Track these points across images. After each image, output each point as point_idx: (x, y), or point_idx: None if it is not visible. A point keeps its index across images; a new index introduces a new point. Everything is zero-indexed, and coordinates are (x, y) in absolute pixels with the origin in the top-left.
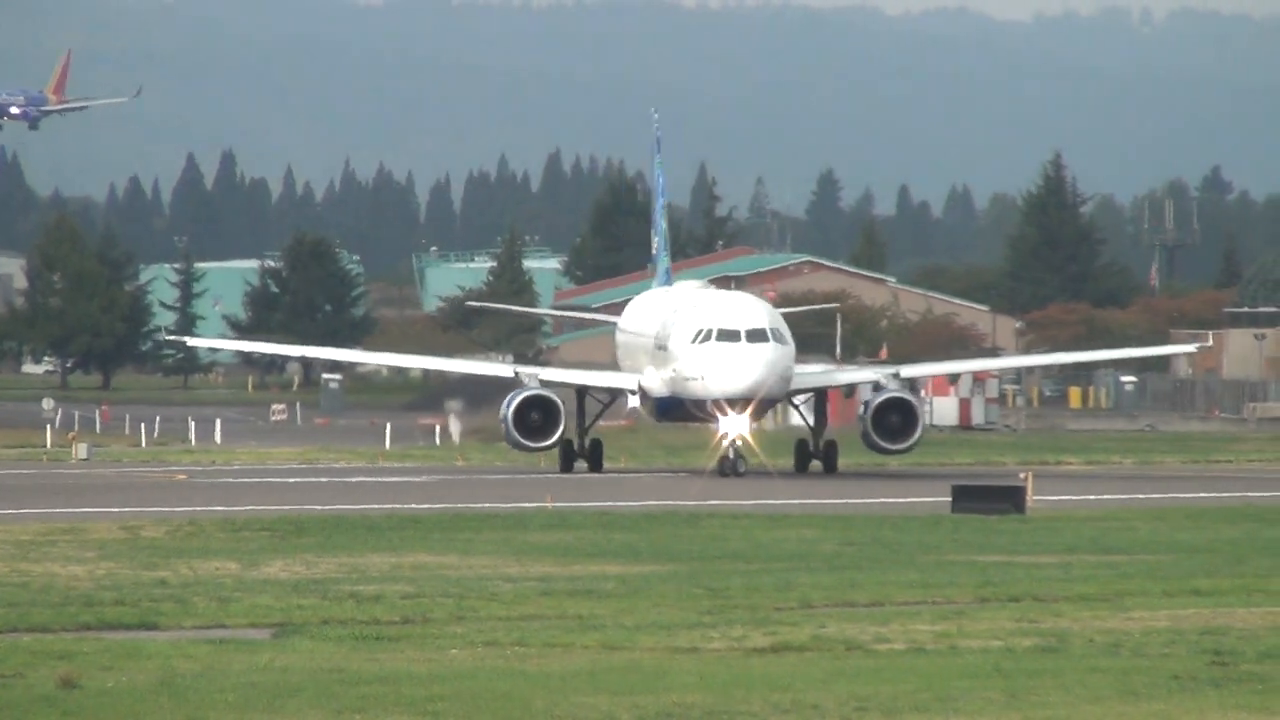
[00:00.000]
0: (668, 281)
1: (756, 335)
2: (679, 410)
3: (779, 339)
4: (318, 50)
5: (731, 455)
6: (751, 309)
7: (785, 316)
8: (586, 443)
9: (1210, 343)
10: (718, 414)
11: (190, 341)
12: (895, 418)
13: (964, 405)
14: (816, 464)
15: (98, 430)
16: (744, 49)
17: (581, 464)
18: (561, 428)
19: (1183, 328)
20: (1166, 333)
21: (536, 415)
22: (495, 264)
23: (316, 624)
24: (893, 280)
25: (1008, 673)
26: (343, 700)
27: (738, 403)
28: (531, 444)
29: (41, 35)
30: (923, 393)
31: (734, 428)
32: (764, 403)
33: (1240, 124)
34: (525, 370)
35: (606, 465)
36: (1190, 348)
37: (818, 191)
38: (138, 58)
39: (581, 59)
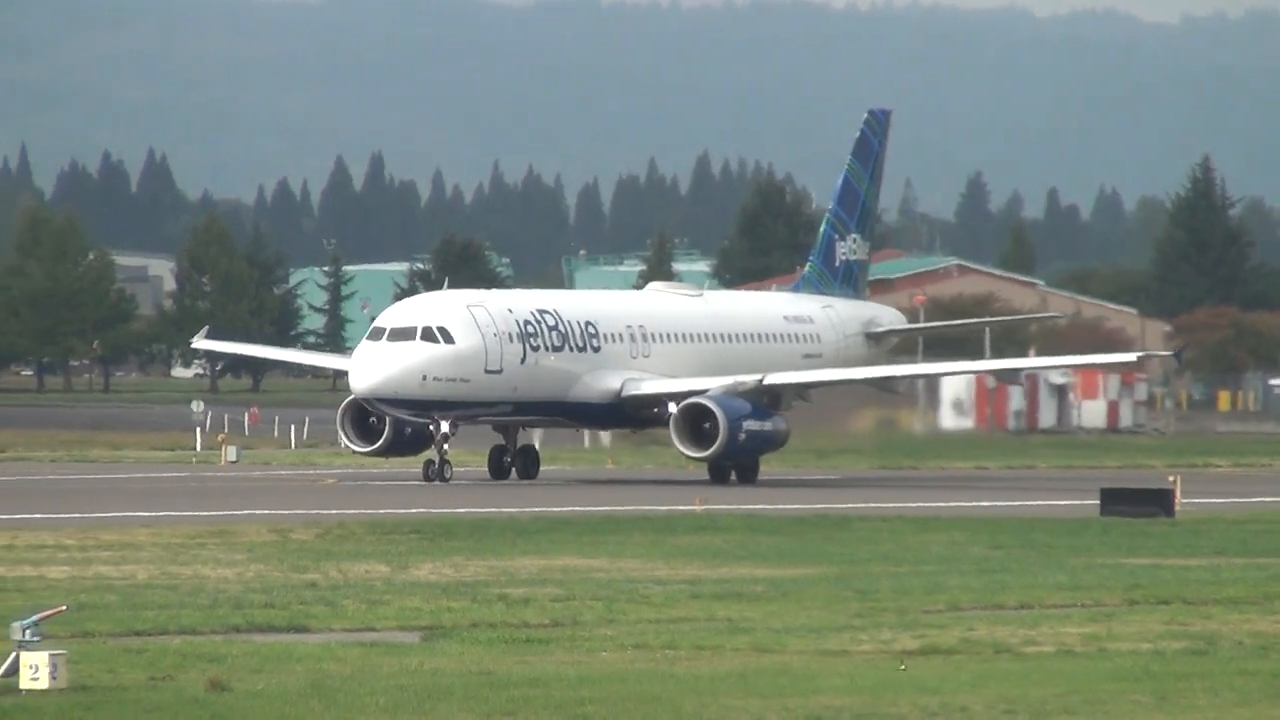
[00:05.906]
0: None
1: (402, 334)
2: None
3: (443, 339)
4: (466, 53)
5: (436, 462)
6: (426, 308)
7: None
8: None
9: None
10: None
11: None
12: (707, 424)
13: (1112, 408)
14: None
15: (246, 433)
16: (893, 51)
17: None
18: (387, 431)
19: None
20: None
21: (377, 419)
22: (644, 266)
23: (466, 627)
24: (1041, 283)
25: (1157, 675)
26: (492, 703)
27: (399, 404)
28: (359, 448)
29: (186, 45)
30: (1071, 396)
31: (439, 432)
32: (451, 405)
33: None
34: None
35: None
36: (1131, 355)
37: (966, 194)
38: (283, 62)
39: (730, 62)
